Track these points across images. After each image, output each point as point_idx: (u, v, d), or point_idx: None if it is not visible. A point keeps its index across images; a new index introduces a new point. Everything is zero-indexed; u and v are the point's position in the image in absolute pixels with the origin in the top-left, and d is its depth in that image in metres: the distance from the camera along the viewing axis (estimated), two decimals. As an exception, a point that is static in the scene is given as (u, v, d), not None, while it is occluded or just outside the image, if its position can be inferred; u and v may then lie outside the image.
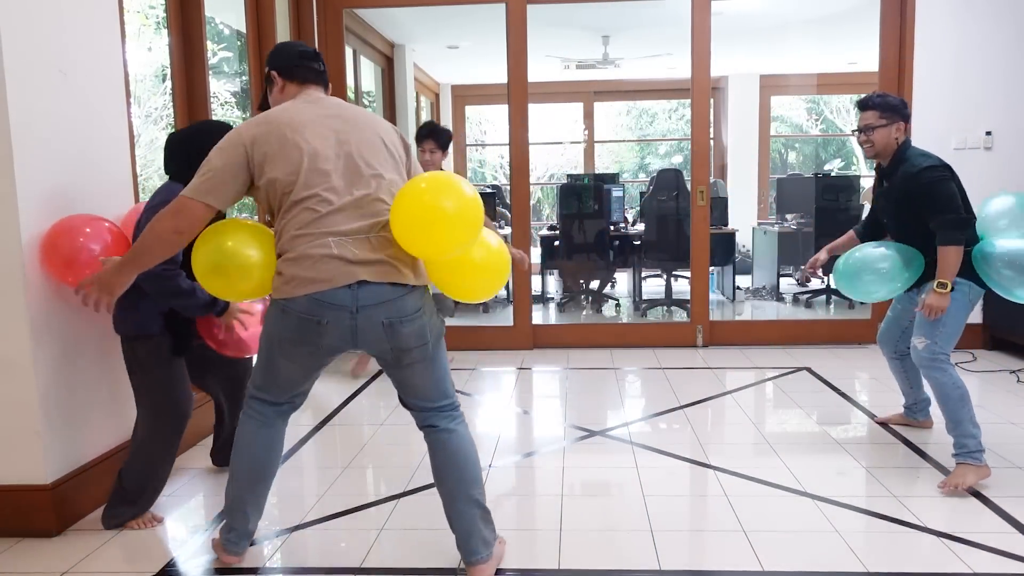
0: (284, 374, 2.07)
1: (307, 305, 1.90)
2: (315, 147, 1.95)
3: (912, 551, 2.26)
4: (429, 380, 2.08)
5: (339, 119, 2.03)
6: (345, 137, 2.00)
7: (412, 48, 7.70)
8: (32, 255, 2.37)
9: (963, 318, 2.81)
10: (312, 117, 2.00)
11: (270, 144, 1.94)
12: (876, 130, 2.89)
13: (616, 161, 16.52)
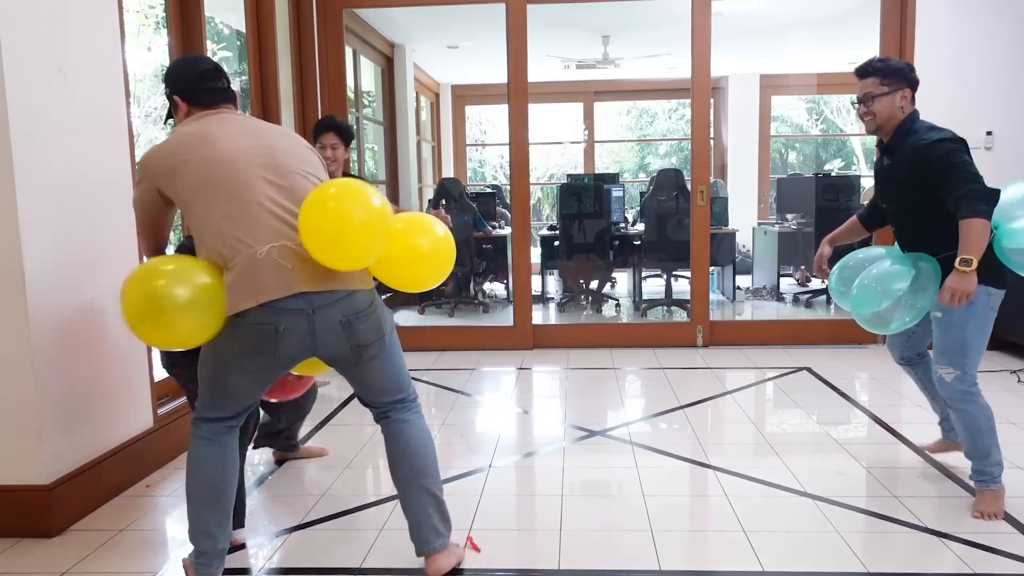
0: (235, 389, 2.01)
1: (261, 314, 1.87)
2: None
3: (912, 551, 2.26)
4: (388, 374, 2.11)
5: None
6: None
7: (412, 48, 7.70)
8: (32, 255, 2.37)
9: (987, 331, 2.47)
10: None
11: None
12: (877, 99, 2.47)
13: (616, 161, 16.52)
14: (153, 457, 3.01)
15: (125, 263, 2.87)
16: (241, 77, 4.67)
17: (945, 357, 2.45)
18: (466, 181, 9.89)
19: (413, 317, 6.59)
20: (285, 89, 4.57)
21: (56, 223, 2.49)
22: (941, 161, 2.35)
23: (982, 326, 2.46)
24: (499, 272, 7.22)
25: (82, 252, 2.62)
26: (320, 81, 4.97)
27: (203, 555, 2.07)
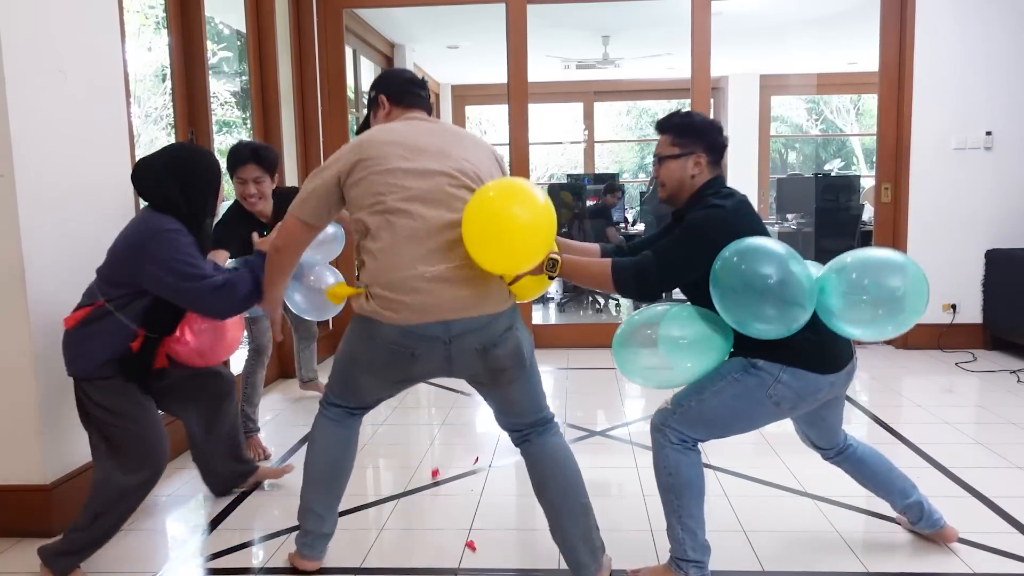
0: (366, 388, 2.07)
1: (397, 336, 1.86)
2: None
3: (912, 551, 2.26)
4: (525, 395, 2.01)
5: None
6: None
7: (412, 48, 7.70)
8: (32, 255, 2.37)
9: (740, 412, 1.98)
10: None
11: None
12: (666, 162, 2.06)
13: (616, 161, 16.52)
14: (153, 457, 3.01)
15: (125, 263, 2.86)
16: (241, 77, 4.67)
17: (679, 393, 2.07)
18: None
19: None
20: (285, 89, 4.57)
21: (56, 223, 2.49)
22: (683, 229, 1.97)
23: (737, 398, 1.95)
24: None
25: (82, 252, 2.62)
26: (320, 81, 4.97)
27: (308, 535, 2.14)
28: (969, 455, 3.00)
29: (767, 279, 1.78)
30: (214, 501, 2.74)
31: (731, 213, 1.95)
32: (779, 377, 1.91)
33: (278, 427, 3.59)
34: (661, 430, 2.04)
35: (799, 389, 1.92)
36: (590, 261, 2.04)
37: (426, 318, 1.83)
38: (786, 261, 1.81)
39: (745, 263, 1.81)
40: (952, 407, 3.68)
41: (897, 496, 2.26)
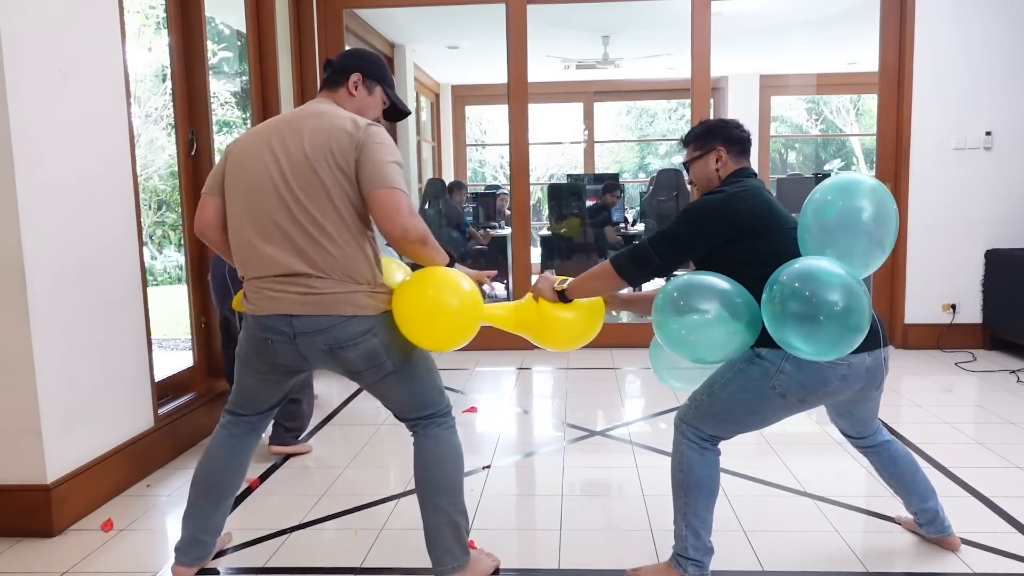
0: (246, 384, 2.09)
1: (256, 326, 1.94)
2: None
3: (912, 551, 2.26)
4: (401, 396, 2.03)
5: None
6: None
7: (412, 48, 7.70)
8: (33, 255, 2.37)
9: (748, 405, 1.95)
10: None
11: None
12: (692, 164, 2.18)
13: (616, 161, 16.53)
14: (154, 457, 3.01)
15: (126, 262, 2.87)
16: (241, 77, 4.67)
17: (695, 392, 2.07)
18: (466, 181, 9.87)
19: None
20: (285, 89, 4.57)
21: (57, 223, 2.49)
22: (681, 213, 2.04)
23: (743, 391, 1.93)
24: (499, 272, 7.24)
25: (83, 252, 2.62)
26: (320, 81, 4.97)
27: (183, 540, 2.14)
28: (969, 455, 3.00)
29: (833, 306, 1.71)
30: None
31: (730, 196, 2.00)
32: (781, 367, 1.88)
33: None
34: (679, 427, 2.05)
35: (804, 380, 1.87)
36: (592, 268, 2.12)
37: (272, 310, 1.88)
38: (850, 286, 1.73)
39: (809, 289, 1.73)
40: (952, 407, 3.68)
41: (915, 499, 2.25)
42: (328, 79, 2.07)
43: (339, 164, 1.84)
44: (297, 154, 1.86)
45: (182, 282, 5.08)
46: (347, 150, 1.84)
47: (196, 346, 3.66)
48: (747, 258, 1.95)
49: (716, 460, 2.02)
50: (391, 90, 2.12)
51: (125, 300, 2.87)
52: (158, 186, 10.15)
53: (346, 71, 2.04)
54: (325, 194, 1.84)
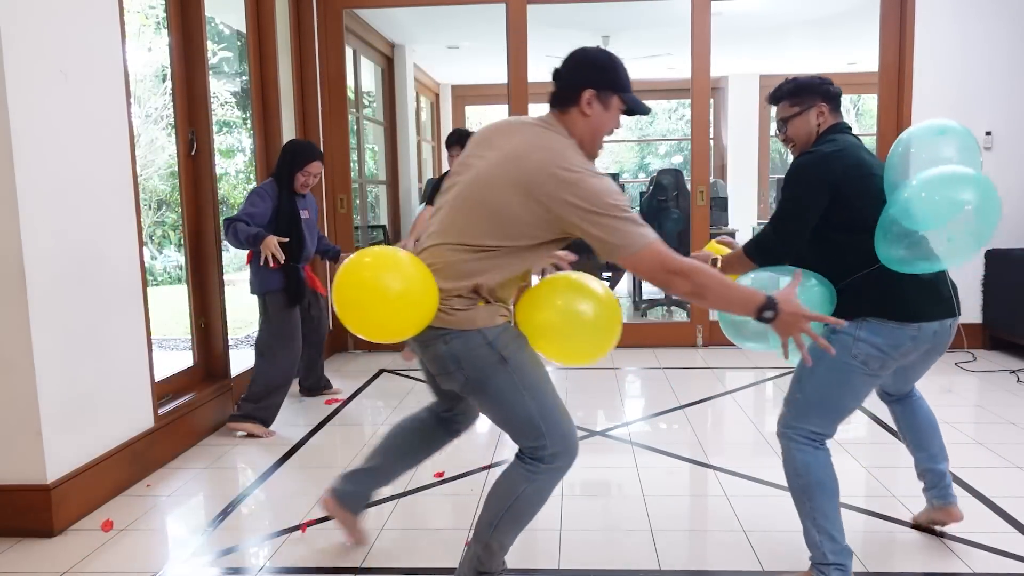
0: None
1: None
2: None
3: (912, 551, 2.26)
4: (491, 416, 1.99)
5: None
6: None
7: (412, 48, 7.69)
8: (33, 255, 2.37)
9: (834, 384, 1.98)
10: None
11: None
12: (791, 122, 2.18)
13: (616, 161, 16.53)
14: (153, 457, 3.02)
15: (126, 262, 2.87)
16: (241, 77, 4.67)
17: (786, 396, 2.07)
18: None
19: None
20: (285, 89, 4.57)
21: (57, 223, 2.49)
22: (784, 185, 2.09)
23: (826, 372, 1.96)
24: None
25: (83, 252, 2.62)
26: (320, 81, 4.97)
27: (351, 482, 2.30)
28: (969, 455, 3.00)
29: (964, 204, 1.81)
30: (214, 501, 2.74)
31: (827, 155, 2.00)
32: (856, 335, 1.93)
33: (277, 427, 3.59)
34: (784, 434, 2.04)
35: (879, 344, 1.92)
36: (733, 254, 2.16)
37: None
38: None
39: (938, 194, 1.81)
40: (952, 407, 3.68)
41: (926, 456, 2.30)
42: (557, 97, 1.89)
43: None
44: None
45: (182, 282, 5.08)
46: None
47: (196, 346, 3.66)
48: (840, 222, 1.97)
49: (829, 458, 2.02)
50: (628, 93, 1.90)
51: (125, 300, 2.87)
52: (158, 186, 10.15)
53: (576, 87, 1.86)
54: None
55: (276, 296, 3.48)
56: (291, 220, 3.50)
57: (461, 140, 4.09)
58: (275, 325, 3.49)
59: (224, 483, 2.92)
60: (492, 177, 1.80)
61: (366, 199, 7.30)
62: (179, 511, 2.69)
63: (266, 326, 3.51)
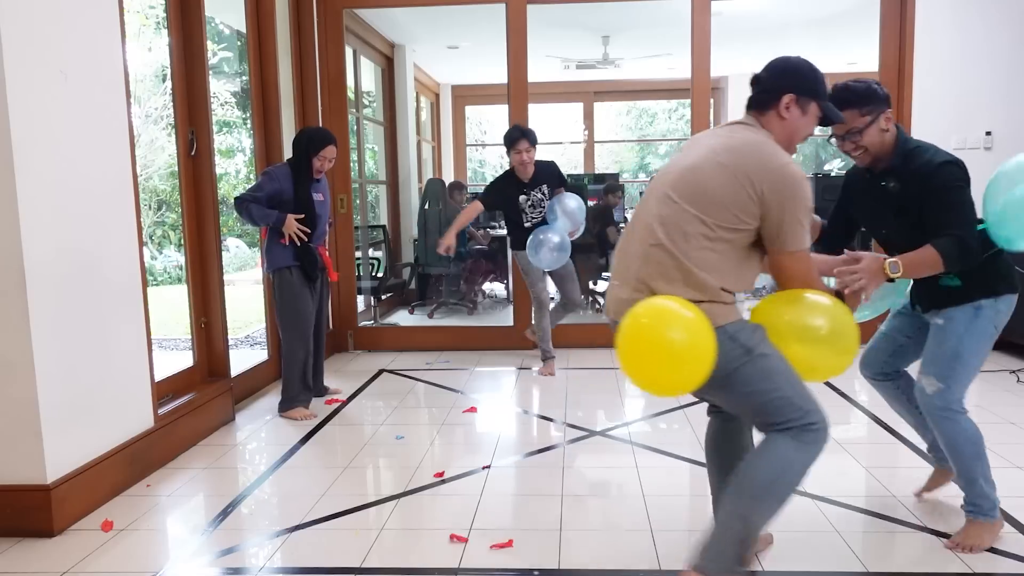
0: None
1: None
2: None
3: (912, 551, 2.26)
4: (738, 407, 1.96)
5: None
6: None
7: (412, 48, 7.69)
8: (33, 255, 2.37)
9: (985, 350, 2.23)
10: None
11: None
12: (865, 132, 2.20)
13: (616, 161, 16.53)
14: (153, 457, 3.02)
15: (126, 262, 2.87)
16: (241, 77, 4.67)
17: (932, 367, 2.23)
18: (466, 181, 9.87)
19: (413, 318, 6.60)
20: (285, 89, 4.57)
21: (57, 223, 2.49)
22: (949, 193, 2.13)
23: (979, 342, 2.21)
24: (499, 272, 7.23)
25: (83, 252, 2.62)
26: (320, 81, 4.97)
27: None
28: (969, 455, 3.00)
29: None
30: (214, 501, 2.74)
31: (959, 160, 2.18)
32: (998, 308, 2.23)
33: (277, 428, 3.60)
34: (948, 409, 2.22)
35: (1007, 312, 2.25)
36: (924, 255, 2.10)
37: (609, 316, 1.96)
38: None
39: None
40: (952, 407, 3.67)
41: (925, 429, 2.53)
42: (756, 100, 2.02)
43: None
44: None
45: (182, 282, 5.08)
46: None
47: (196, 346, 3.67)
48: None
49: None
50: (825, 102, 1.98)
51: (125, 300, 2.87)
52: (158, 186, 10.15)
53: (777, 91, 1.97)
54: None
55: (289, 272, 3.63)
56: (307, 202, 3.64)
57: (527, 134, 4.38)
58: (288, 301, 3.65)
59: (224, 483, 2.92)
60: (707, 165, 1.87)
61: (366, 199, 7.30)
62: (179, 511, 2.69)
63: (280, 304, 3.68)
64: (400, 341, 5.34)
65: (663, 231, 1.85)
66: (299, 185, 3.63)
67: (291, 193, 3.60)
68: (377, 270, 6.67)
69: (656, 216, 1.89)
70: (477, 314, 6.58)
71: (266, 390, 4.27)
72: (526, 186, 4.49)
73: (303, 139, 3.72)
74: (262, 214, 3.52)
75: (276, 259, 3.63)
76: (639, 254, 1.89)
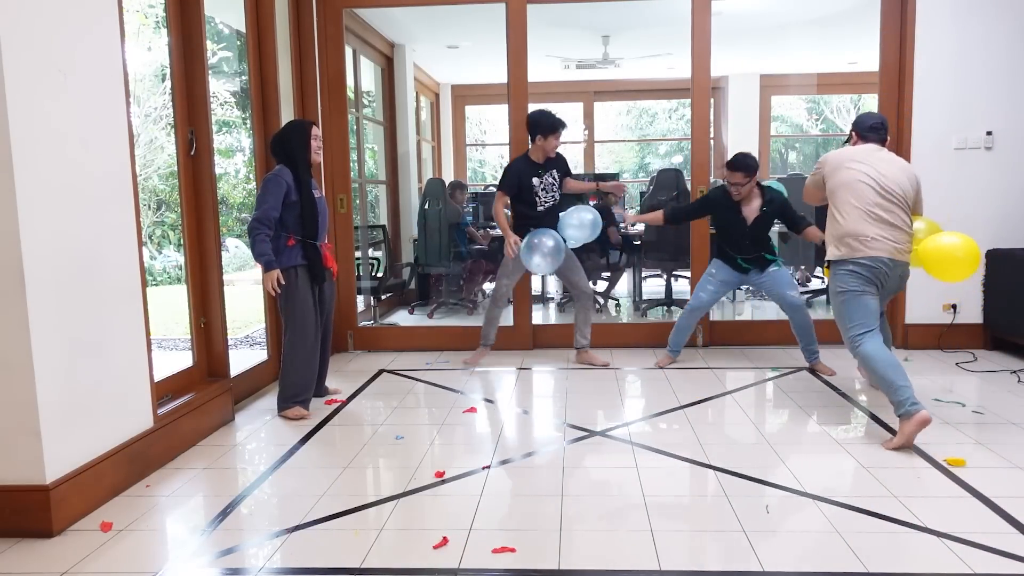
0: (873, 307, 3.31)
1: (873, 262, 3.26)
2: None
3: (912, 551, 2.26)
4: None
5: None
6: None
7: (412, 48, 7.69)
8: (32, 255, 2.37)
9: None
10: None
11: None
12: (747, 184, 4.25)
13: (616, 161, 16.52)
14: (153, 457, 3.01)
15: (125, 262, 2.87)
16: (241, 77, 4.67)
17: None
18: (466, 181, 9.86)
19: (413, 318, 6.59)
20: (285, 89, 4.57)
21: (56, 223, 2.49)
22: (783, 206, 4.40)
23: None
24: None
25: (82, 252, 2.62)
26: (320, 81, 4.97)
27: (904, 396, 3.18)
28: (969, 455, 3.00)
29: None
30: (214, 501, 2.74)
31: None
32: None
33: (276, 428, 3.59)
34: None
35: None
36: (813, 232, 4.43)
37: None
38: None
39: None
40: (952, 407, 3.67)
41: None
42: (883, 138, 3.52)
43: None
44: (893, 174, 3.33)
45: (182, 282, 5.08)
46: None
47: (196, 346, 3.66)
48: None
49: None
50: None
51: (124, 300, 2.87)
52: (158, 186, 10.15)
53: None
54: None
55: (295, 272, 3.63)
56: (310, 201, 3.64)
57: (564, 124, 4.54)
58: (292, 300, 3.64)
59: (224, 483, 2.92)
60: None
61: (366, 199, 7.30)
62: (179, 511, 2.68)
63: (284, 303, 3.67)
64: (400, 341, 5.33)
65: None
66: (302, 184, 3.62)
67: (297, 194, 3.59)
68: (377, 270, 6.67)
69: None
70: (477, 314, 6.57)
71: (266, 390, 4.27)
72: (540, 167, 4.54)
73: (289, 132, 3.69)
74: (261, 251, 3.51)
75: (283, 258, 3.61)
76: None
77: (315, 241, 3.67)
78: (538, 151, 4.52)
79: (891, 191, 3.24)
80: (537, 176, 4.52)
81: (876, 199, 3.23)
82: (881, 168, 3.28)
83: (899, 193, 3.24)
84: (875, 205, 3.22)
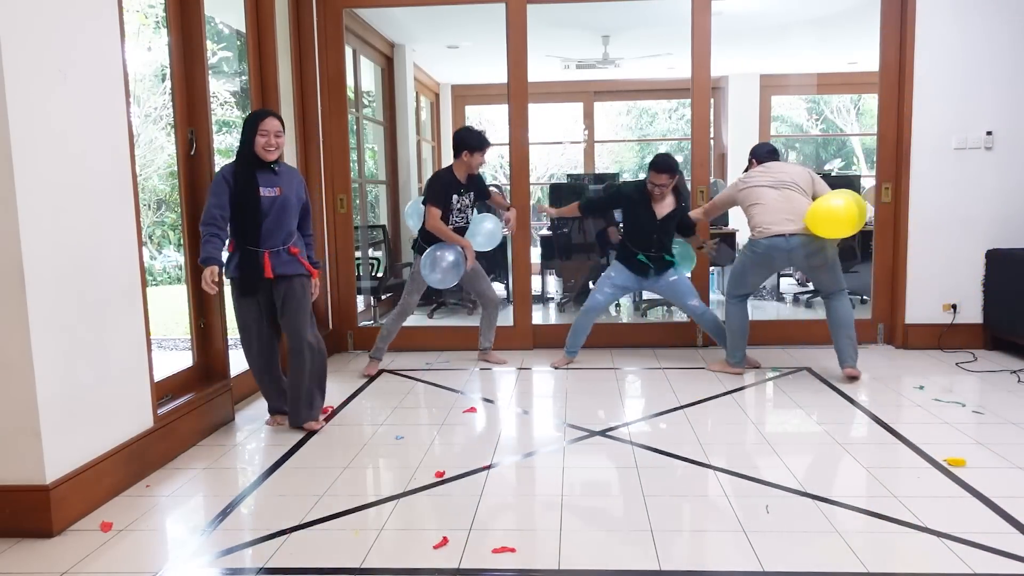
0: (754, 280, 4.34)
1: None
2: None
3: (912, 551, 2.26)
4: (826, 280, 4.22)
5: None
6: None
7: (412, 48, 7.69)
8: (32, 255, 2.37)
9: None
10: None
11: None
12: (669, 185, 4.42)
13: (616, 161, 16.52)
14: (153, 457, 3.01)
15: (125, 262, 2.87)
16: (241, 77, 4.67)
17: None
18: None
19: (413, 318, 6.58)
20: (285, 89, 4.57)
21: (56, 223, 2.49)
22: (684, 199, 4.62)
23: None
24: (498, 272, 7.22)
25: (82, 252, 2.62)
26: (320, 81, 4.97)
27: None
28: (969, 455, 3.00)
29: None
30: (214, 501, 2.74)
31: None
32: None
33: (276, 428, 3.59)
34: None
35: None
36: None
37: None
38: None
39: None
40: (952, 407, 3.67)
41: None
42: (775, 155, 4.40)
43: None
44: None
45: (182, 282, 5.08)
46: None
47: (195, 346, 3.66)
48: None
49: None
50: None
51: (124, 300, 2.87)
52: (158, 186, 10.15)
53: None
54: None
55: (233, 283, 3.39)
56: (246, 196, 3.23)
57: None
58: (235, 308, 3.46)
59: (224, 483, 2.92)
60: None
61: (366, 199, 7.30)
62: (178, 511, 2.68)
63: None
64: (400, 341, 5.33)
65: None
66: (238, 181, 3.24)
67: (233, 193, 3.24)
68: (377, 270, 6.66)
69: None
70: (477, 314, 6.57)
71: (254, 398, 4.26)
72: (463, 187, 4.49)
73: (245, 122, 3.35)
74: (202, 250, 3.18)
75: (227, 266, 3.32)
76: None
77: (257, 248, 3.29)
78: (462, 167, 4.45)
79: (785, 181, 4.11)
80: (458, 194, 4.47)
81: (774, 194, 4.09)
82: (774, 169, 4.18)
83: (790, 181, 4.11)
84: (774, 199, 4.08)
